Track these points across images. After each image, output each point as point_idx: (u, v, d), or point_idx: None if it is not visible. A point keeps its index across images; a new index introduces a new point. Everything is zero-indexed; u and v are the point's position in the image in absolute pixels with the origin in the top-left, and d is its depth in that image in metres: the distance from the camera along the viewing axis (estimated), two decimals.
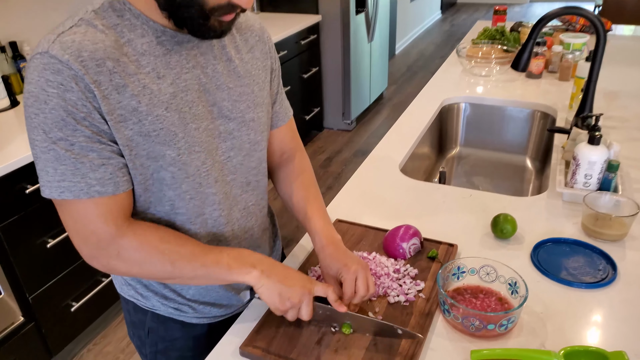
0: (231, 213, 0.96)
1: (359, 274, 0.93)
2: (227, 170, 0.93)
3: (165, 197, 0.87)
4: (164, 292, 0.99)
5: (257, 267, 0.84)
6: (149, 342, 1.07)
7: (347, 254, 0.97)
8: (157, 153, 0.81)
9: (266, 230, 1.11)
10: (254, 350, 0.88)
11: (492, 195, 1.36)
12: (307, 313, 0.87)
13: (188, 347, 1.07)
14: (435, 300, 0.98)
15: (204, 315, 1.04)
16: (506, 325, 0.89)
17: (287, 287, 0.85)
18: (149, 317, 1.04)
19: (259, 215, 1.04)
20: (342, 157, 3.70)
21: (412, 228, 1.12)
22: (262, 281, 0.85)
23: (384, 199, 1.37)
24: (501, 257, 1.12)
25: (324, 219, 1.02)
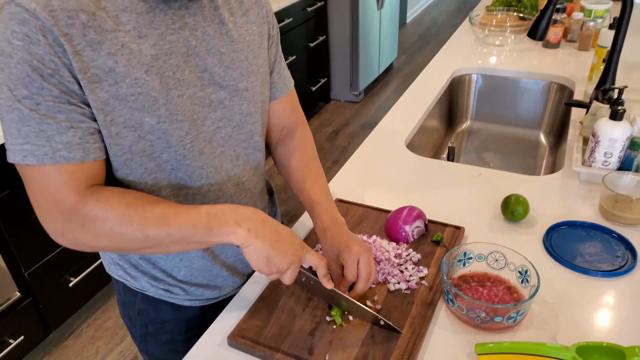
0: (222, 189, 0.89)
1: (362, 257, 0.87)
2: (216, 142, 0.86)
3: (147, 170, 0.80)
4: (153, 273, 0.94)
5: (242, 226, 0.74)
6: (139, 323, 1.02)
7: (349, 235, 0.90)
8: (135, 120, 0.74)
9: (265, 209, 1.05)
10: (242, 341, 0.83)
11: (503, 174, 1.28)
12: (290, 279, 0.79)
13: (179, 330, 1.02)
14: (439, 288, 0.92)
15: (196, 297, 0.98)
16: (515, 317, 0.82)
17: (277, 251, 0.76)
18: (138, 298, 0.99)
19: (253, 191, 0.97)
20: (349, 130, 3.61)
21: (416, 210, 1.05)
22: (249, 241, 0.75)
23: (388, 177, 1.29)
24: (511, 241, 1.04)
25: (326, 198, 0.95)
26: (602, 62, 1.60)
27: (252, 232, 0.76)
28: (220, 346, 0.84)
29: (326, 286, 0.83)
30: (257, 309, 0.89)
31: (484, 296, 0.89)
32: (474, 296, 0.89)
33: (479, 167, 1.31)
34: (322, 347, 0.81)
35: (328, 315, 0.86)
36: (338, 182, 1.28)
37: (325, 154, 3.30)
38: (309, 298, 0.90)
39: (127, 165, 0.78)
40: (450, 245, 1.02)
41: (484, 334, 0.84)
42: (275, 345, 0.81)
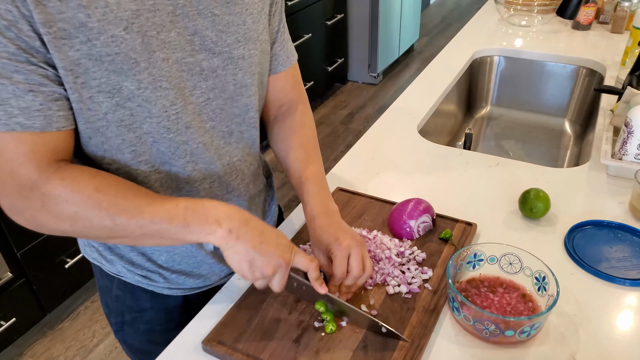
0: (210, 168, 0.80)
1: (353, 251, 0.77)
2: (206, 115, 0.76)
3: (125, 142, 0.71)
4: (130, 256, 0.86)
5: (223, 225, 0.67)
6: (115, 311, 0.95)
7: (340, 226, 0.81)
8: (112, 85, 0.65)
9: (260, 193, 0.95)
10: (217, 347, 0.74)
11: (523, 165, 1.16)
12: (279, 285, 0.72)
13: (159, 321, 0.94)
14: (444, 293, 0.82)
15: (178, 285, 0.90)
16: (529, 332, 0.72)
17: (261, 254, 0.68)
18: (115, 284, 0.92)
19: (246, 173, 0.88)
20: (365, 113, 3.48)
21: (424, 203, 0.94)
22: (230, 243, 0.67)
23: (396, 164, 1.18)
24: (529, 240, 0.93)
25: (319, 184, 0.86)
26: (638, 45, 1.46)
27: (234, 232, 0.67)
28: (195, 351, 0.75)
29: (319, 291, 0.74)
30: (238, 309, 0.80)
31: (494, 304, 0.79)
32: (483, 303, 0.79)
33: (496, 157, 1.19)
34: (307, 358, 0.71)
35: (317, 321, 0.77)
36: (341, 169, 1.17)
37: (339, 137, 3.19)
38: (297, 299, 0.81)
39: (102, 133, 0.69)
40: (459, 244, 0.91)
41: (493, 348, 0.74)
42: (255, 353, 0.72)
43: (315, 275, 0.74)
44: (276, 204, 1.05)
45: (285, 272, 0.71)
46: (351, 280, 0.78)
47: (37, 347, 1.88)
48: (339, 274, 0.77)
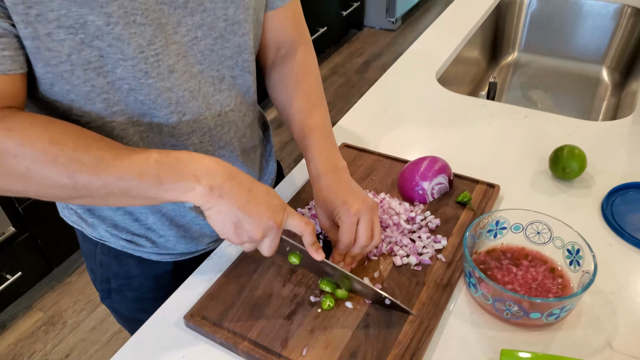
0: (198, 120, 0.70)
1: (362, 217, 0.67)
2: (193, 57, 0.65)
3: (95, 89, 0.60)
4: (114, 218, 0.77)
5: (202, 182, 0.57)
6: (100, 277, 0.87)
7: (349, 187, 0.70)
8: (73, 19, 0.55)
9: (256, 148, 0.85)
10: (201, 323, 0.66)
11: (555, 118, 1.03)
12: (269, 250, 0.62)
13: (148, 288, 0.87)
14: (460, 266, 0.71)
15: (168, 251, 0.82)
16: (558, 314, 0.62)
17: (248, 215, 0.59)
18: (98, 249, 0.84)
19: (239, 125, 0.77)
20: (382, 61, 3.30)
21: (439, 161, 0.83)
22: (211, 202, 0.58)
23: (411, 117, 1.06)
24: (560, 205, 0.82)
25: (325, 137, 0.75)
26: None
27: (216, 190, 0.57)
28: (176, 326, 0.68)
29: (315, 257, 0.65)
30: (226, 280, 0.71)
31: (517, 279, 0.68)
32: (504, 278, 0.69)
33: (524, 109, 1.06)
34: (301, 338, 0.63)
35: (313, 295, 0.68)
36: (348, 123, 1.06)
37: (353, 87, 3.04)
38: (293, 270, 0.72)
39: (66, 79, 0.59)
40: (479, 209, 0.80)
41: (514, 330, 0.64)
42: (242, 331, 0.64)
43: (311, 240, 0.64)
44: (274, 160, 0.95)
45: (276, 236, 0.61)
46: (357, 250, 0.68)
47: (45, 300, 1.86)
48: (346, 242, 0.67)
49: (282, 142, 2.60)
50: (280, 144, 2.58)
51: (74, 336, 1.73)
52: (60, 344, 1.71)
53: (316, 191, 0.72)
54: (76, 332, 1.74)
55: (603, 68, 1.63)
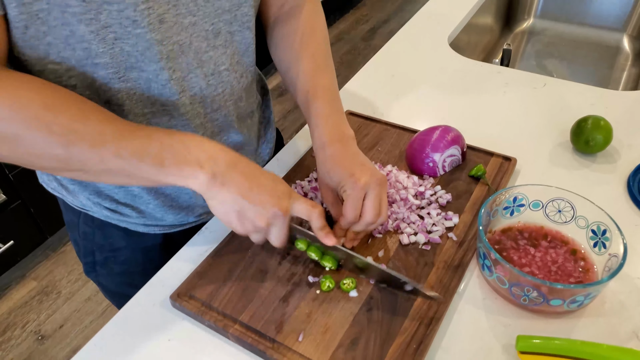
0: (189, 77, 0.63)
1: (370, 192, 0.61)
2: (184, 7, 0.59)
3: (75, 35, 0.53)
4: (96, 185, 0.71)
5: (205, 168, 0.54)
6: (84, 249, 0.82)
7: (357, 158, 0.64)
8: None
9: (253, 114, 0.79)
10: (188, 303, 0.60)
11: (576, 87, 0.95)
12: (279, 239, 0.59)
13: (135, 261, 0.81)
14: (472, 246, 0.65)
15: (156, 222, 0.76)
16: (581, 302, 0.56)
17: (252, 203, 0.55)
18: (81, 219, 0.78)
19: (235, 86, 0.70)
20: (389, 28, 3.18)
21: (452, 131, 0.76)
22: (214, 190, 0.55)
23: (421, 84, 0.99)
24: (582, 181, 0.75)
25: (332, 103, 0.69)
26: None
27: (218, 178, 0.54)
28: (162, 306, 0.62)
29: (325, 243, 0.60)
30: (218, 256, 0.65)
31: (535, 262, 0.63)
32: (521, 260, 0.63)
33: (543, 76, 0.98)
34: (297, 322, 0.57)
35: (311, 275, 0.62)
36: (353, 89, 0.98)
37: (359, 55, 2.93)
38: (290, 247, 0.66)
39: (42, 20, 0.51)
40: (494, 184, 0.74)
41: (531, 317, 0.59)
42: (232, 314, 0.58)
43: (320, 224, 0.59)
44: (274, 127, 0.88)
45: (283, 224, 0.57)
46: (362, 226, 0.62)
47: (40, 269, 1.82)
48: (350, 218, 0.62)
49: (284, 110, 2.52)
50: (282, 112, 2.50)
51: (68, 306, 1.70)
52: (54, 314, 1.67)
53: (320, 161, 0.66)
54: (71, 302, 1.71)
55: (624, 36, 1.54)
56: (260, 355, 0.56)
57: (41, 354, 1.57)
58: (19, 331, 1.63)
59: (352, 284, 0.60)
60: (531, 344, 0.53)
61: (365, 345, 0.55)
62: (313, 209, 0.58)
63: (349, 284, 0.60)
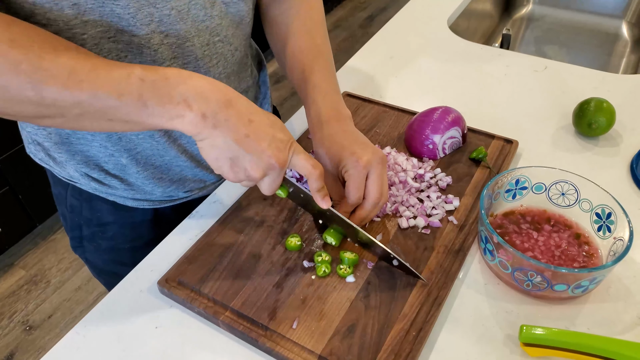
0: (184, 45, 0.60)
1: (373, 171, 0.59)
2: None
3: None
4: (85, 153, 0.67)
5: (193, 108, 0.48)
6: (71, 223, 0.79)
7: (357, 137, 0.62)
8: None
9: (248, 89, 0.76)
10: (177, 289, 0.57)
11: (578, 70, 0.93)
12: (268, 188, 0.54)
13: (124, 238, 0.78)
14: (474, 230, 0.63)
15: (145, 196, 0.73)
16: (586, 287, 0.54)
17: (247, 151, 0.50)
18: (69, 192, 0.75)
19: (229, 59, 0.67)
20: (387, 15, 3.14)
21: (453, 112, 0.73)
22: (204, 133, 0.49)
23: (420, 65, 0.96)
24: (583, 164, 0.73)
25: (329, 81, 0.66)
26: None
27: (209, 119, 0.48)
28: (150, 292, 0.59)
29: (320, 205, 0.57)
30: (209, 240, 0.63)
31: (538, 246, 0.60)
32: (524, 244, 0.60)
33: (544, 59, 0.96)
34: (291, 309, 0.55)
35: (306, 260, 0.60)
36: (351, 70, 0.95)
37: (356, 42, 2.90)
38: (285, 230, 0.63)
39: None
40: (495, 167, 0.71)
41: (534, 303, 0.56)
42: (223, 300, 0.56)
43: (317, 185, 0.55)
44: (270, 104, 0.85)
45: (278, 176, 0.53)
46: (368, 208, 0.60)
47: (28, 258, 1.79)
48: (354, 199, 0.60)
49: (281, 97, 2.48)
50: (279, 99, 2.47)
51: (58, 296, 1.66)
52: (43, 304, 1.64)
53: (317, 141, 0.63)
54: (60, 291, 1.68)
55: (623, 23, 1.52)
56: (253, 343, 0.53)
57: (29, 345, 1.54)
58: (6, 321, 1.60)
59: (348, 269, 0.58)
60: (536, 336, 0.51)
61: (363, 332, 0.52)
62: (313, 169, 0.54)
63: (346, 269, 0.58)
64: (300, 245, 0.61)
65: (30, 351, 1.53)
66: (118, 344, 0.55)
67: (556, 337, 0.50)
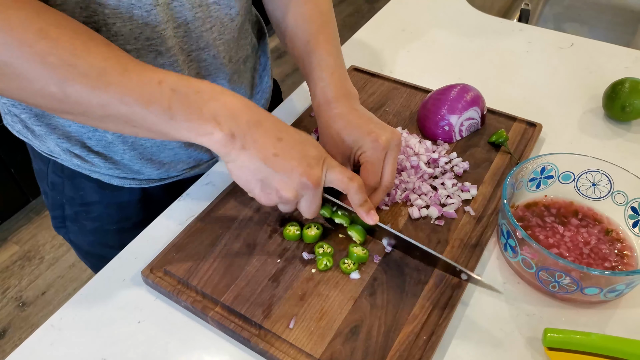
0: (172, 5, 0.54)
1: (389, 152, 0.54)
2: None
3: None
4: (66, 128, 0.62)
5: (223, 126, 0.45)
6: (52, 201, 0.73)
7: (369, 116, 0.57)
8: None
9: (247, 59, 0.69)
10: (163, 280, 0.52)
11: (608, 47, 0.85)
12: (308, 211, 0.51)
13: (110, 218, 0.72)
14: (492, 222, 0.57)
15: (132, 175, 0.67)
16: (621, 291, 0.48)
17: (277, 171, 0.47)
18: (50, 168, 0.69)
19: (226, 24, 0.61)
20: None
21: (472, 91, 0.67)
22: (232, 154, 0.47)
23: (435, 39, 0.89)
24: (615, 152, 0.67)
25: (335, 57, 0.60)
26: None
27: (238, 139, 0.46)
28: (133, 282, 0.54)
29: (366, 221, 0.51)
30: (200, 226, 0.57)
31: (564, 242, 0.54)
32: (548, 240, 0.54)
33: (570, 35, 0.88)
34: (288, 306, 0.49)
35: (306, 251, 0.54)
36: (359, 42, 0.88)
37: (362, 18, 2.79)
38: (283, 217, 0.57)
39: None
40: (516, 152, 0.65)
41: (560, 306, 0.51)
42: (213, 294, 0.50)
43: (360, 199, 0.51)
44: (270, 76, 0.78)
45: (315, 196, 0.49)
46: (381, 194, 0.55)
47: (22, 233, 1.74)
48: (372, 182, 0.54)
49: (282, 73, 2.40)
50: (280, 75, 2.39)
51: (51, 272, 1.62)
52: (36, 280, 1.60)
53: (326, 120, 0.57)
54: (54, 268, 1.63)
55: None
56: (244, 343, 0.48)
57: (22, 321, 1.50)
58: None
59: (353, 265, 0.52)
60: (561, 339, 0.45)
61: (367, 334, 0.47)
62: (351, 182, 0.50)
63: (350, 265, 0.52)
64: (300, 235, 0.55)
65: (23, 328, 1.50)
66: (96, 340, 0.49)
67: (587, 341, 0.44)
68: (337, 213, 0.54)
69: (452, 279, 0.51)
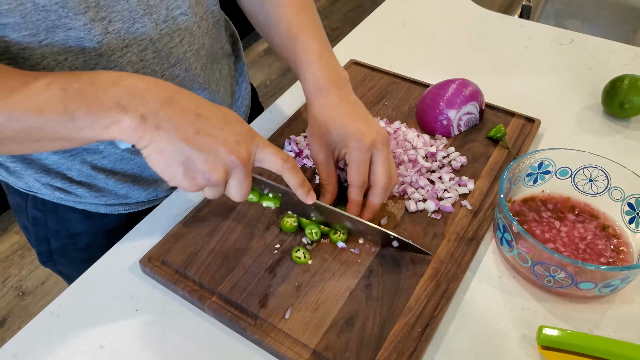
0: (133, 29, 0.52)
1: (377, 152, 0.52)
2: None
3: None
4: (44, 161, 0.58)
5: (129, 111, 0.41)
6: (35, 237, 0.69)
7: (359, 109, 0.55)
8: None
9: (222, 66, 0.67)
10: (160, 269, 0.52)
11: (608, 44, 0.85)
12: (238, 193, 0.46)
13: (99, 246, 0.62)
14: (489, 216, 0.57)
15: (119, 200, 0.64)
16: (616, 286, 0.48)
17: (200, 150, 0.43)
18: (29, 202, 0.65)
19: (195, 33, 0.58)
20: None
21: (470, 86, 0.67)
22: (146, 138, 0.42)
23: (435, 33, 0.89)
24: (613, 148, 0.67)
25: (321, 40, 0.58)
26: None
27: (150, 120, 0.41)
28: (131, 271, 0.54)
29: (304, 201, 0.50)
30: (197, 218, 0.57)
31: (560, 237, 0.54)
32: (544, 235, 0.55)
33: (570, 32, 0.88)
34: (284, 296, 0.50)
35: (305, 238, 0.54)
36: (358, 36, 0.88)
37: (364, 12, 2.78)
38: (280, 209, 0.58)
39: None
40: (514, 147, 0.65)
41: (555, 301, 0.51)
42: (210, 284, 0.50)
43: (297, 179, 0.48)
44: (248, 82, 0.76)
45: (244, 175, 0.45)
46: (378, 194, 0.53)
47: None
48: (357, 182, 0.53)
49: (282, 68, 2.40)
50: (280, 70, 2.38)
51: None
52: (36, 270, 1.61)
53: (314, 110, 0.56)
54: None
55: None
56: (240, 333, 0.48)
57: (21, 310, 1.51)
58: None
59: (343, 235, 0.54)
60: (555, 338, 0.46)
61: (363, 325, 0.47)
62: (284, 162, 0.47)
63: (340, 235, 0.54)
64: (297, 227, 0.55)
65: (22, 317, 1.50)
66: (94, 328, 0.50)
67: (581, 342, 0.45)
68: (268, 195, 0.51)
69: (448, 272, 0.52)
